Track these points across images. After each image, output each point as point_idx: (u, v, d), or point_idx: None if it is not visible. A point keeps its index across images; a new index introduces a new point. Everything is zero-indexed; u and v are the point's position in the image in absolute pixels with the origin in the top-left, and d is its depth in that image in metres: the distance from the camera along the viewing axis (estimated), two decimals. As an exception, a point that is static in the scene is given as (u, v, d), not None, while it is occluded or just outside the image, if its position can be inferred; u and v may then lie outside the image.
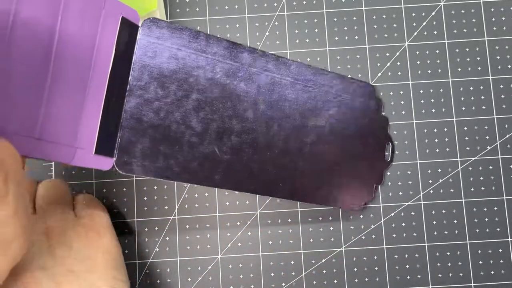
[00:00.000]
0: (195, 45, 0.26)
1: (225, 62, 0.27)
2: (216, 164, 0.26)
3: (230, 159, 0.27)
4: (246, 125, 0.27)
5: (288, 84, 0.28)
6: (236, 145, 0.27)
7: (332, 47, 0.32)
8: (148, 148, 0.25)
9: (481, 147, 0.32)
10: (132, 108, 0.24)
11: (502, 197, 0.31)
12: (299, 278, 0.31)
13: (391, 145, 0.31)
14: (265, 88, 0.28)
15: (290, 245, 0.31)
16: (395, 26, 0.33)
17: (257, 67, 0.27)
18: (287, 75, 0.28)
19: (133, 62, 0.24)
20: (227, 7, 0.33)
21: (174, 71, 0.25)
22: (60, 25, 0.20)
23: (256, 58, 0.27)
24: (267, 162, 0.28)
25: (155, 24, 0.25)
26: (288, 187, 0.28)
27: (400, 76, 0.32)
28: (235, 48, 0.27)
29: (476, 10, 0.33)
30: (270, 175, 0.28)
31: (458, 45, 0.32)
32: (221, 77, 0.26)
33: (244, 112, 0.27)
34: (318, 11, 0.33)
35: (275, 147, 0.28)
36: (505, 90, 0.32)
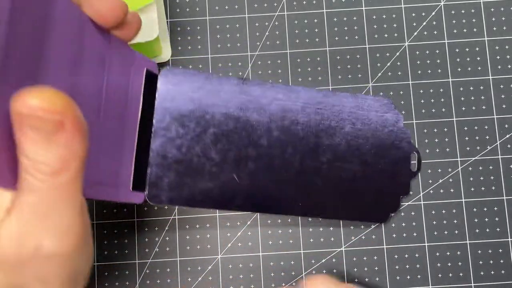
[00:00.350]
0: (209, 86, 0.29)
1: (237, 97, 0.29)
2: (236, 190, 0.29)
3: (249, 184, 0.29)
4: (261, 151, 0.29)
5: (299, 109, 0.30)
6: (253, 170, 0.29)
7: (332, 47, 0.32)
8: (174, 181, 0.27)
9: (481, 147, 0.32)
10: (157, 147, 0.27)
11: (502, 197, 0.31)
12: (299, 278, 0.31)
13: (417, 155, 0.31)
14: (277, 116, 0.30)
15: (290, 245, 0.31)
16: (395, 26, 0.33)
17: (267, 97, 0.30)
18: (297, 101, 0.30)
19: (156, 108, 0.27)
20: (227, 7, 0.33)
21: (191, 110, 0.28)
22: (107, 84, 0.23)
23: (265, 90, 0.30)
24: (285, 183, 0.30)
25: (171, 72, 0.28)
26: (307, 206, 0.30)
27: (400, 76, 0.32)
28: (245, 83, 0.29)
29: (476, 10, 0.33)
30: (289, 196, 0.30)
31: (458, 45, 0.32)
32: (234, 111, 0.29)
33: (259, 139, 0.29)
34: (318, 11, 0.33)
35: (292, 168, 0.30)
36: (505, 90, 0.32)
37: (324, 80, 0.32)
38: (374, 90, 0.32)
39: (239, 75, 0.32)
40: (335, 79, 0.32)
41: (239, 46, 0.33)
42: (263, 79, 0.32)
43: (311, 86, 0.32)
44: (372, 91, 0.32)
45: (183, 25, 0.33)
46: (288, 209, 0.30)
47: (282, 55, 0.32)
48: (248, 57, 0.32)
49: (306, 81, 0.32)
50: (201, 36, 0.33)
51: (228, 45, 0.33)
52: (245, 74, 0.32)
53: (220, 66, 0.32)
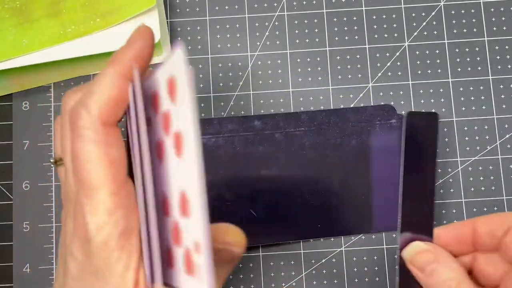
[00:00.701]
0: (211, 130, 0.29)
1: (240, 135, 0.30)
2: (255, 224, 0.29)
3: (267, 216, 0.30)
4: (273, 183, 0.30)
5: (302, 133, 0.30)
6: (269, 202, 0.30)
7: (332, 47, 0.32)
8: None
9: (481, 147, 0.32)
10: None
11: (502, 197, 0.31)
12: (299, 278, 0.31)
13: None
14: (282, 144, 0.30)
15: (290, 245, 0.31)
16: (395, 26, 0.33)
17: (269, 129, 0.30)
18: (299, 126, 0.30)
19: None
20: (227, 7, 0.33)
21: None
22: None
23: (266, 122, 0.30)
24: (301, 208, 0.30)
25: None
26: (327, 226, 0.30)
27: (400, 76, 0.32)
28: (246, 120, 0.30)
29: (476, 10, 0.33)
30: (306, 220, 0.30)
31: (458, 45, 0.32)
32: (240, 148, 0.30)
33: (269, 171, 0.30)
34: (318, 11, 0.33)
35: (306, 193, 0.30)
36: (505, 90, 0.32)
37: (324, 80, 0.32)
38: (374, 90, 0.32)
39: (239, 76, 0.32)
40: (335, 79, 0.32)
41: (239, 46, 0.32)
42: (265, 83, 0.32)
43: (311, 86, 0.32)
44: (372, 91, 0.32)
45: (183, 25, 0.33)
46: (309, 234, 0.30)
47: (282, 55, 0.32)
48: (248, 57, 0.32)
49: (306, 81, 0.32)
50: (201, 36, 0.33)
51: (228, 45, 0.33)
52: (245, 74, 0.32)
53: (220, 66, 0.32)
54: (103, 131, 0.19)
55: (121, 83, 0.19)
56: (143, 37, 0.20)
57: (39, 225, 0.31)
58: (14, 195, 0.31)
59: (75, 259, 0.20)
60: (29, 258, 0.31)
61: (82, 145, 0.19)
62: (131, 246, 0.19)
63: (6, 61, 0.29)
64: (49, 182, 0.31)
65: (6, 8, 0.30)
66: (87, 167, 0.19)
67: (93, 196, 0.19)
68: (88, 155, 0.19)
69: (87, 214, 0.19)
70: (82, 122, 0.19)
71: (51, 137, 0.32)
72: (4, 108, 0.32)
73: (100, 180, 0.19)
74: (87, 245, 0.19)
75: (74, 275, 0.20)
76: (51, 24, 0.29)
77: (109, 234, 0.19)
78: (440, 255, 0.25)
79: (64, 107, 0.21)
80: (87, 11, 0.29)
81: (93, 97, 0.19)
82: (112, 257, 0.19)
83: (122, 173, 0.19)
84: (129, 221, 0.19)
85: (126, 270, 0.19)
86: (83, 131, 0.19)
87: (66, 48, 0.29)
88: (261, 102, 0.32)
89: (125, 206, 0.19)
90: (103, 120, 0.19)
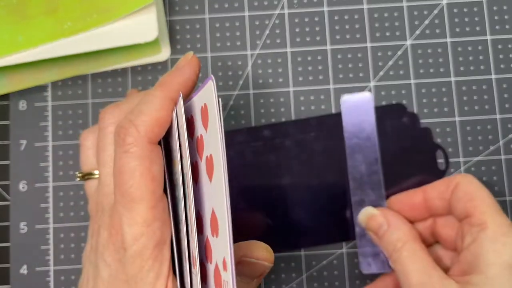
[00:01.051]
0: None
1: (250, 145, 0.30)
2: (271, 232, 0.29)
3: (282, 224, 0.30)
4: (287, 190, 0.30)
5: (313, 139, 0.30)
6: (284, 210, 0.30)
7: (333, 46, 0.32)
8: None
9: (483, 147, 0.31)
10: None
11: (504, 197, 0.31)
12: (299, 280, 0.30)
13: (444, 152, 0.31)
14: (293, 151, 0.30)
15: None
16: (397, 24, 0.32)
17: (279, 137, 0.30)
18: (309, 131, 0.30)
19: None
20: (226, 5, 0.32)
21: None
22: None
23: (275, 130, 0.30)
24: (317, 214, 0.30)
25: None
26: (343, 232, 0.30)
27: (402, 75, 0.32)
28: (255, 130, 0.30)
29: (478, 8, 0.32)
30: (323, 226, 0.30)
31: (460, 44, 0.32)
32: (251, 158, 0.30)
33: (281, 179, 0.30)
34: (319, 9, 0.32)
35: (320, 199, 0.30)
36: (508, 90, 0.32)
37: (325, 79, 0.32)
38: (376, 89, 0.32)
39: (239, 75, 0.32)
40: (336, 78, 0.32)
41: (239, 44, 0.32)
42: (265, 82, 0.32)
43: (312, 85, 0.32)
44: (374, 90, 0.32)
45: (182, 24, 0.32)
46: (325, 240, 0.30)
47: (282, 54, 0.32)
48: (248, 56, 0.32)
49: (307, 80, 0.32)
50: (200, 35, 0.32)
51: (227, 44, 0.32)
52: (245, 73, 0.32)
53: (219, 65, 0.32)
54: (148, 148, 0.20)
55: (168, 106, 0.21)
56: (191, 66, 0.22)
57: (36, 226, 0.31)
58: (11, 196, 0.31)
59: (108, 266, 0.21)
60: (26, 259, 0.30)
61: (128, 161, 0.20)
62: (163, 257, 0.20)
63: (1, 58, 0.29)
64: (46, 182, 0.31)
65: (2, 5, 0.29)
66: (131, 182, 0.20)
67: (133, 208, 0.20)
68: (133, 170, 0.20)
69: (124, 225, 0.20)
70: (130, 139, 0.20)
71: (49, 137, 0.31)
72: (1, 108, 0.32)
73: (141, 194, 0.20)
74: (122, 253, 0.20)
75: (105, 281, 0.21)
76: (48, 21, 0.29)
77: (145, 244, 0.20)
78: (390, 218, 0.27)
79: (104, 122, 0.24)
80: (84, 8, 0.29)
81: (142, 117, 0.20)
82: (145, 266, 0.20)
83: (160, 188, 0.21)
84: (163, 233, 0.20)
85: (157, 279, 0.20)
86: (131, 148, 0.20)
87: (63, 45, 0.29)
88: (261, 101, 0.32)
89: (160, 219, 0.20)
90: (149, 139, 0.20)
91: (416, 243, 0.26)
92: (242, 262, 0.20)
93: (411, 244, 0.26)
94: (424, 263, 0.25)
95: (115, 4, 0.29)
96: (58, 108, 0.32)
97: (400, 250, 0.26)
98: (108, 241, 0.21)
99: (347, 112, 0.30)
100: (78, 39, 0.29)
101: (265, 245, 0.21)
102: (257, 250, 0.21)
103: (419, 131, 0.31)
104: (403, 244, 0.26)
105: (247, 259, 0.20)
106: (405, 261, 0.25)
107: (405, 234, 0.26)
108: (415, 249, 0.25)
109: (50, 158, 0.31)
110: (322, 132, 0.30)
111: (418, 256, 0.25)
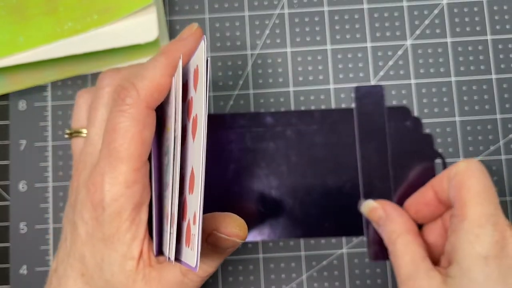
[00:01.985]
0: (223, 125, 0.30)
1: (252, 130, 0.30)
2: (263, 220, 0.30)
3: (275, 212, 0.30)
4: (282, 179, 0.30)
5: (314, 131, 0.30)
6: (278, 198, 0.30)
7: (334, 46, 0.32)
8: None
9: (484, 147, 0.31)
10: None
11: (505, 197, 0.31)
12: (299, 281, 0.30)
13: (443, 161, 0.31)
14: (293, 141, 0.30)
15: (290, 247, 0.31)
16: (397, 24, 0.32)
17: (281, 125, 0.30)
18: (312, 124, 0.30)
19: None
20: (226, 5, 0.32)
21: (209, 150, 0.30)
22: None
23: (278, 118, 0.30)
24: (309, 206, 0.30)
25: None
26: (335, 226, 0.30)
27: (402, 75, 0.32)
28: (258, 116, 0.30)
29: (479, 8, 0.32)
30: (314, 218, 0.30)
31: (460, 44, 0.32)
32: (251, 144, 0.30)
33: (278, 167, 0.30)
34: (319, 9, 0.32)
35: (314, 192, 0.30)
36: (508, 90, 0.32)
37: (325, 79, 0.32)
38: (376, 89, 0.32)
39: (239, 74, 0.32)
40: (337, 78, 0.32)
41: (239, 44, 0.32)
42: (265, 82, 0.32)
43: (312, 85, 0.32)
44: (374, 91, 0.32)
45: (182, 24, 0.32)
46: (316, 233, 0.30)
47: (282, 53, 0.32)
48: (248, 56, 0.32)
49: (307, 80, 0.32)
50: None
51: (227, 44, 0.32)
52: (245, 73, 0.32)
53: (220, 65, 0.32)
54: (145, 112, 0.21)
55: (170, 74, 0.21)
56: (194, 36, 0.22)
57: (36, 226, 0.31)
58: (11, 196, 0.31)
59: (86, 223, 0.21)
60: (26, 259, 0.30)
61: (123, 120, 0.21)
62: (140, 219, 0.21)
63: (2, 59, 0.29)
64: (46, 182, 0.31)
65: (2, 5, 0.29)
66: (121, 141, 0.20)
67: (117, 167, 0.20)
68: (125, 131, 0.20)
69: (106, 184, 0.21)
70: (129, 100, 0.21)
71: (48, 137, 0.31)
72: (1, 108, 0.32)
73: (128, 155, 0.20)
74: (100, 212, 0.21)
75: (83, 239, 0.22)
76: (48, 21, 0.29)
77: (123, 205, 0.21)
78: (389, 211, 0.28)
79: (101, 83, 0.24)
80: (84, 8, 0.29)
81: (144, 81, 0.21)
82: (122, 227, 0.21)
83: (146, 154, 0.21)
84: (142, 196, 0.21)
85: (133, 240, 0.21)
86: (128, 109, 0.21)
87: (63, 46, 0.29)
88: (262, 101, 0.32)
89: (141, 182, 0.21)
90: (147, 103, 0.21)
91: (410, 235, 0.26)
92: (213, 235, 0.20)
93: (404, 237, 0.26)
94: (415, 255, 0.25)
95: (115, 5, 0.29)
96: (58, 108, 0.32)
97: (394, 242, 0.26)
98: (86, 198, 0.21)
99: (358, 101, 0.30)
100: (78, 39, 0.29)
101: (239, 221, 0.21)
102: (229, 226, 0.20)
103: (421, 137, 0.31)
104: (397, 236, 0.26)
105: (218, 234, 0.20)
106: (397, 254, 0.26)
107: (399, 226, 0.27)
108: (408, 241, 0.26)
109: (50, 158, 0.31)
110: (325, 125, 0.30)
111: (409, 248, 0.25)
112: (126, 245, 0.21)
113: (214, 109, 0.31)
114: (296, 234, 0.30)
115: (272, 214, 0.30)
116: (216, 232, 0.20)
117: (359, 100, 0.30)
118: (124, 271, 0.21)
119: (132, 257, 0.21)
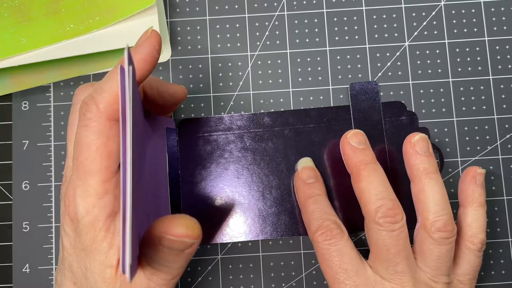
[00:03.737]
0: (222, 126, 0.31)
1: (250, 131, 0.31)
2: (265, 218, 0.30)
3: (276, 210, 0.30)
4: (282, 178, 0.31)
5: (311, 130, 0.31)
6: (278, 197, 0.30)
7: (332, 47, 0.32)
8: (205, 220, 0.30)
9: (481, 147, 0.32)
10: (186, 193, 0.30)
11: (502, 197, 0.31)
12: (299, 279, 0.31)
13: (440, 153, 0.31)
14: (291, 140, 0.31)
15: (290, 245, 0.31)
16: (396, 26, 0.32)
17: (278, 125, 0.31)
18: (309, 123, 0.31)
19: (179, 158, 0.30)
20: (227, 7, 0.33)
21: (210, 152, 0.30)
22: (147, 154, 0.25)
23: (276, 119, 0.31)
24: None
25: (187, 122, 0.31)
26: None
27: (400, 76, 0.32)
28: (256, 117, 0.31)
29: (476, 10, 0.33)
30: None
31: (458, 45, 0.32)
32: (250, 144, 0.31)
33: (278, 166, 0.31)
34: (318, 11, 0.33)
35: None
36: (505, 90, 0.32)
37: (324, 80, 0.32)
38: (374, 90, 0.32)
39: (239, 75, 0.32)
40: (335, 79, 0.32)
41: (239, 46, 0.32)
42: (265, 83, 0.32)
43: (311, 86, 0.32)
44: (372, 91, 0.32)
45: (183, 25, 0.33)
46: None
47: (282, 55, 0.32)
48: (248, 57, 0.32)
49: (306, 81, 0.32)
50: (201, 36, 0.33)
51: (228, 45, 0.32)
52: (245, 74, 0.32)
53: (220, 66, 0.32)
54: (107, 124, 0.21)
55: None
56: (150, 42, 0.22)
57: (38, 225, 0.31)
58: (14, 195, 0.31)
59: (67, 235, 0.22)
60: (28, 258, 0.30)
61: (86, 135, 0.21)
62: (115, 228, 0.21)
63: (4, 59, 0.29)
64: (48, 182, 0.31)
65: (5, 6, 0.30)
66: (87, 154, 0.21)
67: (86, 180, 0.21)
68: (90, 143, 0.21)
69: (77, 196, 0.21)
70: (89, 114, 0.21)
71: (51, 137, 0.32)
72: (4, 108, 0.32)
73: (96, 167, 0.21)
74: (76, 223, 0.21)
75: (67, 250, 0.23)
76: (50, 23, 0.29)
77: (96, 216, 0.21)
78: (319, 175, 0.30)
79: (75, 99, 0.25)
80: (86, 10, 0.29)
81: (103, 94, 0.21)
82: (98, 236, 0.21)
83: (115, 164, 0.21)
84: (115, 205, 0.21)
85: (110, 248, 0.21)
86: (90, 122, 0.21)
87: (65, 47, 0.29)
88: (261, 102, 0.32)
89: (112, 193, 0.21)
90: (108, 115, 0.21)
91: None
92: (163, 238, 0.20)
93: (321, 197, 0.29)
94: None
95: (117, 6, 0.29)
96: (60, 109, 0.32)
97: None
98: (64, 211, 0.22)
99: (354, 98, 0.31)
100: (80, 40, 0.29)
101: (187, 221, 0.20)
102: (176, 227, 0.20)
103: (417, 130, 0.31)
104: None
105: (167, 236, 0.20)
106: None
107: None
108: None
109: (52, 158, 0.31)
110: (321, 124, 0.31)
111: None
112: (103, 253, 0.21)
113: (214, 109, 0.32)
114: (298, 232, 0.30)
115: (274, 212, 0.30)
116: (165, 234, 0.20)
117: (354, 97, 0.31)
118: (104, 279, 0.21)
119: (110, 265, 0.21)
